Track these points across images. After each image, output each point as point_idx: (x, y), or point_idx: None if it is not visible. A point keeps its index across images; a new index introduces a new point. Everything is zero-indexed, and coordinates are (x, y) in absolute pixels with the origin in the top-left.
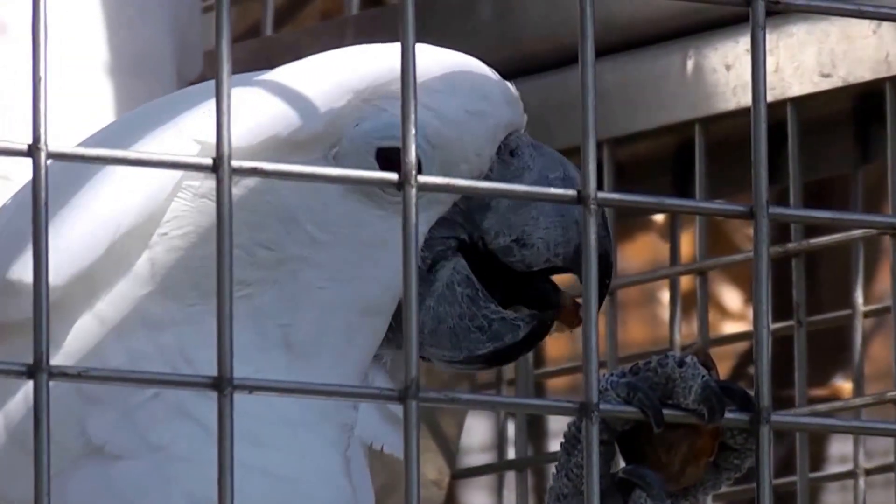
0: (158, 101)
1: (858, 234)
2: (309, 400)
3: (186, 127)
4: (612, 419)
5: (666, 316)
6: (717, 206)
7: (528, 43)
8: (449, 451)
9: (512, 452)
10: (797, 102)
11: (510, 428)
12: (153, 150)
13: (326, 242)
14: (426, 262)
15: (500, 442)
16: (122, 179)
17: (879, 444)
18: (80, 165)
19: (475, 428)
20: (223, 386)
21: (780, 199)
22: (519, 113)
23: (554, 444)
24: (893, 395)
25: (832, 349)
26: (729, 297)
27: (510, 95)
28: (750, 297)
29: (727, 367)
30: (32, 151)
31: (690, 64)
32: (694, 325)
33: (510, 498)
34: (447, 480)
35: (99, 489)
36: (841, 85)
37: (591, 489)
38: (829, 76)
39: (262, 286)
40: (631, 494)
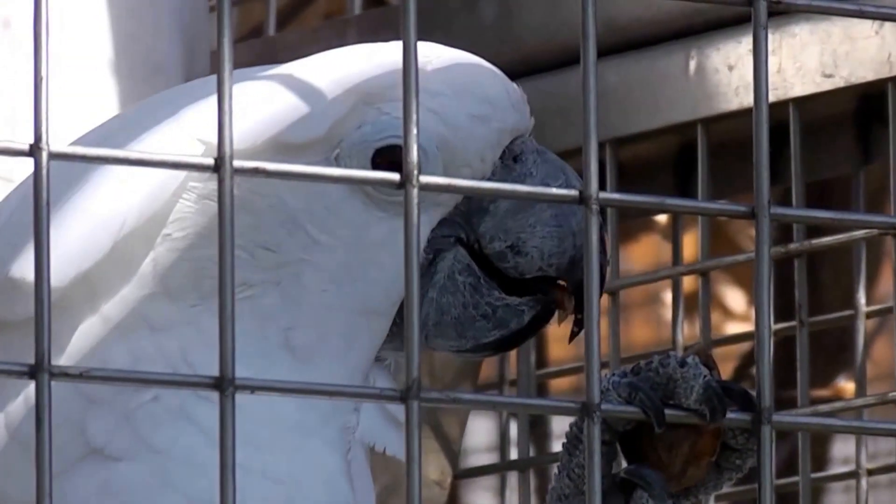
0: (161, 96)
1: (860, 234)
2: (310, 403)
3: (190, 126)
4: (613, 419)
5: (668, 316)
6: (719, 206)
7: (529, 44)
8: (451, 451)
9: (514, 453)
10: (799, 103)
11: (512, 428)
12: (156, 147)
13: (328, 245)
14: (427, 257)
15: (502, 442)
16: (125, 180)
17: (882, 444)
18: (82, 164)
19: (477, 428)
20: (224, 386)
21: (782, 199)
22: (525, 117)
23: (556, 444)
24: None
25: (834, 350)
26: (731, 297)
27: (517, 99)
28: (752, 297)
29: (729, 367)
30: (34, 151)
31: (692, 64)
32: (696, 325)
33: (512, 498)
34: (449, 481)
35: (99, 490)
36: (843, 85)
37: (592, 489)
38: (831, 76)
39: (264, 288)
40: (632, 495)
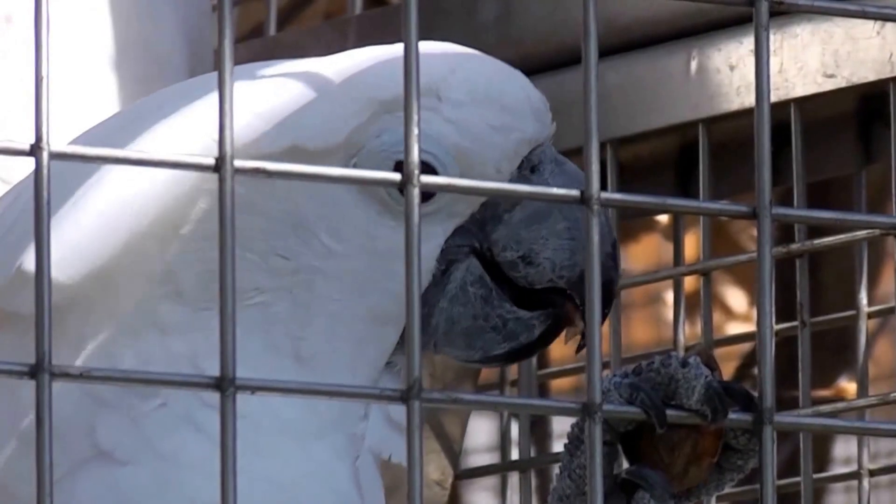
0: (166, 91)
1: (862, 234)
2: (317, 410)
3: (198, 124)
4: (615, 420)
5: (670, 316)
6: (720, 206)
7: (529, 43)
8: (452, 451)
9: (515, 453)
10: (801, 103)
11: (514, 429)
12: (163, 144)
13: (340, 253)
14: (440, 267)
15: (503, 443)
16: (137, 179)
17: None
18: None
19: (478, 429)
20: (225, 386)
21: (783, 199)
22: (546, 125)
23: (557, 445)
24: None
25: (836, 350)
26: (733, 297)
27: (538, 107)
28: (754, 297)
29: (731, 367)
30: (34, 151)
31: (694, 64)
32: (698, 325)
33: (513, 499)
34: (450, 481)
35: (105, 493)
36: (845, 85)
37: (594, 490)
38: (832, 77)
39: (277, 294)
40: (634, 495)
